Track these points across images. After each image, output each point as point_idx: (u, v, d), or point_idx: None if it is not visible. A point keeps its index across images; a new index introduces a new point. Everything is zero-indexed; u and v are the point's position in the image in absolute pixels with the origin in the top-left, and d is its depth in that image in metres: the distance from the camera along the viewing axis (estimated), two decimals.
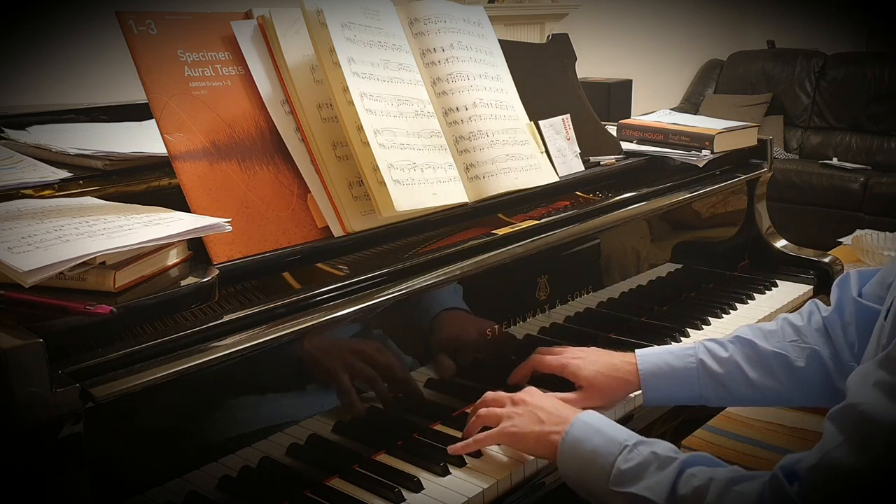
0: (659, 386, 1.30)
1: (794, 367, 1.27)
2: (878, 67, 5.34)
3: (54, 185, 1.20)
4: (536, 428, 1.13)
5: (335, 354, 1.11)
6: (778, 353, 1.28)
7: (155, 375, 0.90)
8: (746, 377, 1.28)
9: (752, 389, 1.28)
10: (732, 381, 1.29)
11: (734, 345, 1.31)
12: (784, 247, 1.95)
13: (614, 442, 1.06)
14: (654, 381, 1.29)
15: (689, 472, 1.00)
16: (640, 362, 1.31)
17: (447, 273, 1.23)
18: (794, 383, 1.28)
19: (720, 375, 1.29)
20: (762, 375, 1.28)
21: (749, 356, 1.29)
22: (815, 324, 1.30)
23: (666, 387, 1.30)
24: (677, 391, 1.30)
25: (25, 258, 0.85)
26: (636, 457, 1.04)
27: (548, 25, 4.73)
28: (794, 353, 1.28)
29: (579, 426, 1.10)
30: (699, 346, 1.32)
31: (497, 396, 1.22)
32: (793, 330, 1.30)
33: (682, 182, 1.76)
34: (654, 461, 1.02)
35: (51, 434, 0.80)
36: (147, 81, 1.14)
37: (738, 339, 1.31)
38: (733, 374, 1.29)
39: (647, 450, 1.04)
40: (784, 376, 1.27)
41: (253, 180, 1.18)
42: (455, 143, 1.38)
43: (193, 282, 0.98)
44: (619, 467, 1.03)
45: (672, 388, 1.30)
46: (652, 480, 1.01)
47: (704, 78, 5.97)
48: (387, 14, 1.36)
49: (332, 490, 1.09)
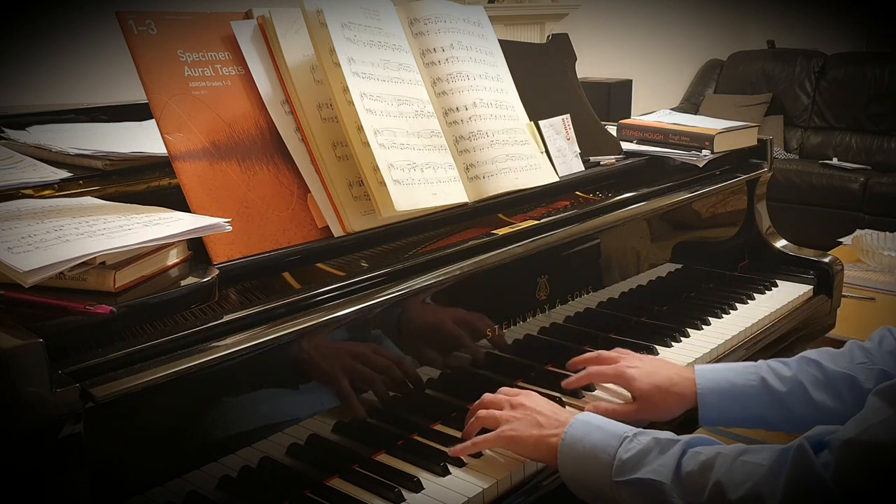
0: (717, 404, 1.25)
1: (863, 388, 1.21)
2: (878, 67, 5.34)
3: (54, 185, 1.20)
4: (535, 432, 1.13)
5: (335, 354, 1.11)
6: (846, 375, 1.23)
7: (155, 375, 0.90)
8: (810, 398, 1.23)
9: (814, 411, 1.22)
10: (795, 402, 1.23)
11: (799, 364, 1.26)
12: (784, 247, 1.95)
13: (614, 435, 1.06)
14: (712, 399, 1.24)
15: (693, 451, 0.99)
16: (698, 378, 1.26)
17: (447, 273, 1.23)
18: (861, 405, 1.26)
19: (782, 395, 1.24)
20: (828, 397, 1.23)
21: (815, 377, 1.25)
22: (886, 346, 1.25)
23: (725, 405, 1.25)
24: (736, 410, 1.25)
25: (25, 258, 0.85)
26: (637, 445, 1.03)
27: (548, 25, 4.73)
28: (862, 375, 1.23)
29: (577, 425, 1.10)
30: (762, 364, 1.28)
31: (495, 399, 1.21)
32: (862, 353, 1.26)
33: (682, 182, 1.76)
34: (656, 446, 1.02)
35: (51, 434, 0.80)
36: (147, 81, 1.14)
37: (804, 359, 1.27)
38: (796, 393, 1.24)
39: (648, 437, 1.04)
40: (850, 397, 1.22)
41: (253, 180, 1.18)
42: (455, 143, 1.38)
43: (193, 282, 0.98)
44: (621, 457, 1.03)
45: (731, 407, 1.25)
46: (656, 464, 1.00)
47: (704, 78, 5.97)
48: (387, 14, 1.36)
49: (332, 490, 1.09)
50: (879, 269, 3.01)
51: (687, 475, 0.97)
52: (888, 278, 2.88)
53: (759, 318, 1.68)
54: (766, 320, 1.69)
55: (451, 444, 1.17)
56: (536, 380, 1.38)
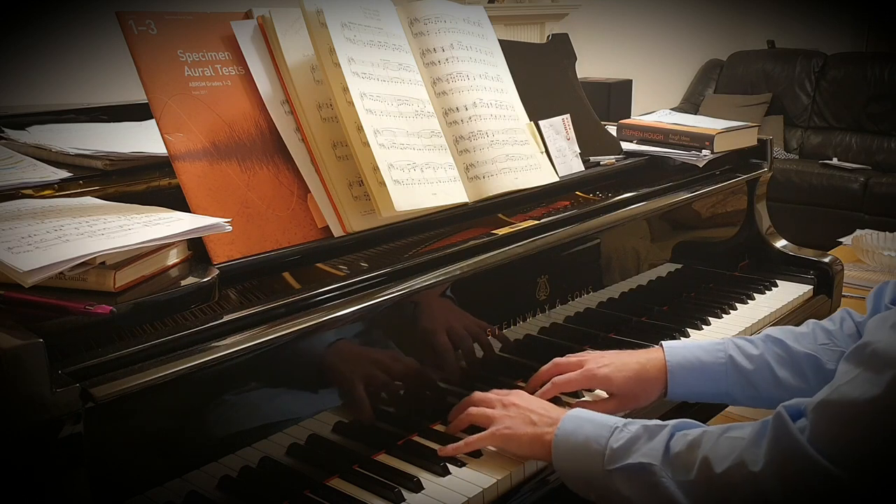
0: (686, 380, 1.28)
1: (825, 369, 1.25)
2: (878, 67, 5.34)
3: (54, 185, 1.19)
4: (529, 430, 1.13)
5: (335, 355, 1.11)
6: (809, 355, 1.27)
7: (155, 375, 0.90)
8: (776, 376, 1.27)
9: (780, 389, 1.26)
10: (761, 380, 1.27)
11: (765, 343, 1.30)
12: (784, 247, 1.95)
13: (605, 426, 1.08)
14: (682, 375, 1.28)
15: (681, 433, 1.02)
16: (668, 355, 1.29)
17: (447, 273, 1.23)
18: (823, 385, 1.28)
19: (749, 372, 1.27)
20: (791, 375, 1.27)
21: (779, 355, 1.28)
22: (847, 329, 1.29)
23: (693, 381, 1.28)
24: (704, 386, 1.29)
25: (25, 258, 0.85)
26: (626, 434, 1.05)
27: (548, 25, 4.73)
28: (825, 356, 1.26)
29: (570, 420, 1.11)
30: (729, 342, 1.31)
31: (486, 397, 1.22)
32: (824, 334, 1.29)
33: (682, 182, 1.76)
34: (645, 433, 1.04)
35: (51, 434, 0.80)
36: (147, 81, 1.14)
37: (769, 338, 1.30)
38: (762, 372, 1.27)
39: (637, 426, 1.06)
40: (813, 377, 1.26)
41: (253, 180, 1.18)
42: (455, 143, 1.38)
43: (193, 282, 0.98)
44: (612, 447, 1.05)
45: (699, 383, 1.28)
46: (645, 448, 1.02)
47: (704, 78, 5.97)
48: (387, 14, 1.36)
49: (332, 490, 1.08)
50: (879, 269, 3.01)
51: (675, 455, 1.00)
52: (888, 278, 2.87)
53: (759, 318, 1.68)
54: (766, 320, 1.69)
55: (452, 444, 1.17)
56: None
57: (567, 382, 1.29)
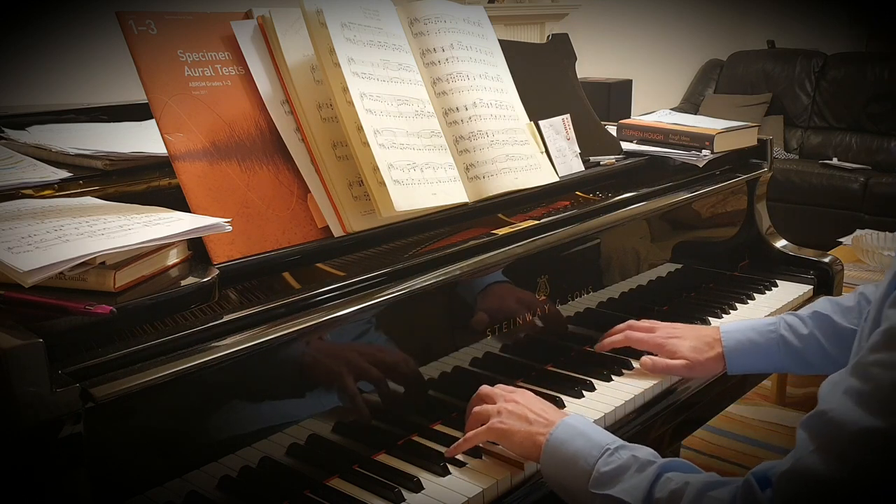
0: (742, 361, 1.41)
1: None
2: (878, 67, 5.34)
3: (54, 185, 1.19)
4: (524, 427, 1.14)
5: (335, 354, 1.11)
6: (855, 331, 1.26)
7: (155, 375, 0.90)
8: (825, 351, 1.36)
9: (829, 362, 1.35)
10: (811, 354, 1.37)
11: (813, 320, 1.39)
12: (784, 247, 1.95)
13: (596, 445, 1.07)
14: (738, 357, 1.40)
15: (666, 476, 1.00)
16: (724, 339, 1.41)
17: (447, 273, 1.23)
18: None
19: (800, 350, 1.38)
20: (840, 352, 1.33)
21: (827, 332, 1.37)
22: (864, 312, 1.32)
23: (749, 360, 1.41)
24: (759, 364, 1.43)
25: (25, 258, 0.85)
26: (616, 460, 1.04)
27: (548, 25, 4.73)
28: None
29: (564, 428, 1.11)
30: (781, 321, 1.41)
31: (490, 392, 1.22)
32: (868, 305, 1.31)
33: (682, 182, 1.76)
34: (634, 464, 1.03)
35: (51, 434, 0.80)
36: (147, 81, 1.14)
37: (817, 315, 1.39)
38: (813, 348, 1.37)
39: (628, 453, 1.05)
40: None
41: (253, 180, 1.18)
42: (455, 143, 1.38)
43: (193, 282, 0.98)
44: (600, 469, 1.04)
45: (754, 361, 1.41)
46: (629, 483, 1.01)
47: (704, 78, 5.97)
48: (387, 14, 1.36)
49: (332, 490, 1.09)
50: (879, 269, 3.01)
51: (656, 501, 0.99)
52: None
53: (759, 318, 1.67)
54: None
55: (452, 444, 1.17)
56: (536, 380, 1.38)
57: (639, 340, 1.44)
